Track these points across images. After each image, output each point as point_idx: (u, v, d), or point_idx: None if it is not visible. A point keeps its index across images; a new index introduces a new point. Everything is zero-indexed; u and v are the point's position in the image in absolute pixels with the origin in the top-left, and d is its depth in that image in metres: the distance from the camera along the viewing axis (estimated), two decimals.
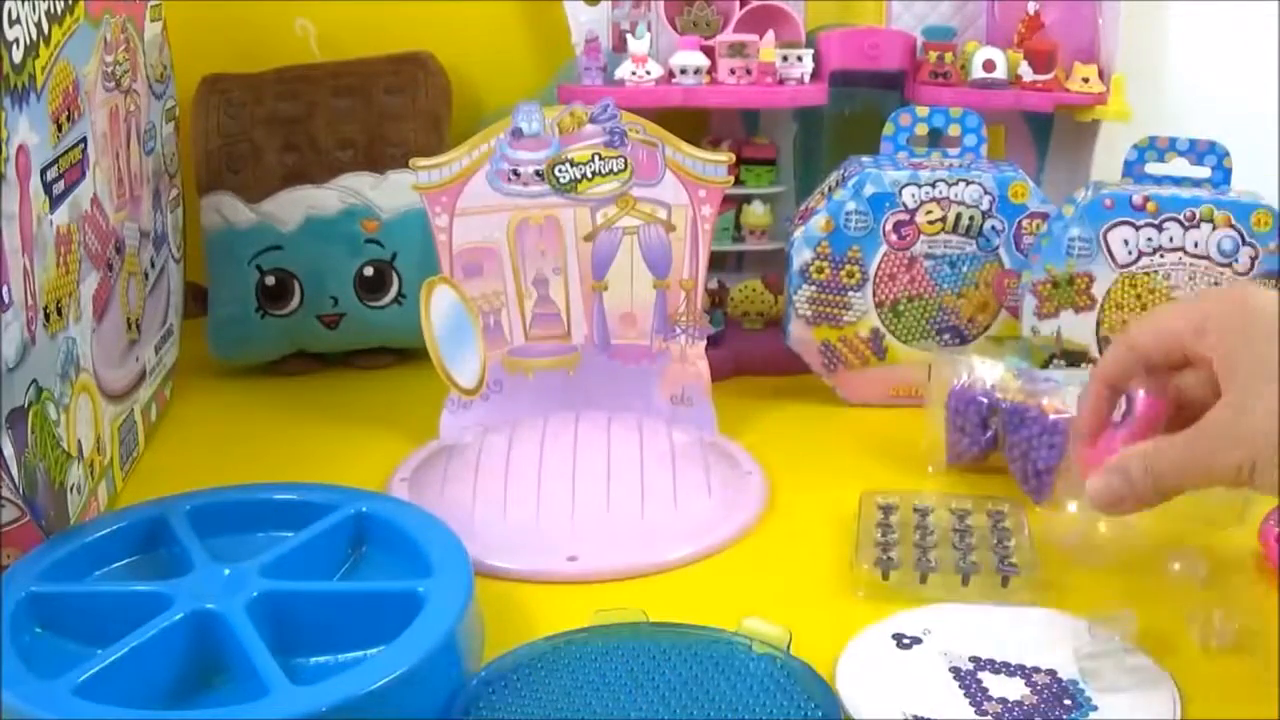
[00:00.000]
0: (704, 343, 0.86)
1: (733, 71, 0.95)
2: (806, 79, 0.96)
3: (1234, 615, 0.63)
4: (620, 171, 0.83)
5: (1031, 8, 1.00)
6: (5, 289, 0.60)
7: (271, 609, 0.60)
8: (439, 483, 0.78)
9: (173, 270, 0.94)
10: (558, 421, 0.82)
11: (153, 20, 0.89)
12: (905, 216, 0.89)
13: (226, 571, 0.62)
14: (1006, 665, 0.60)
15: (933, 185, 0.89)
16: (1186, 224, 0.83)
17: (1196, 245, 0.84)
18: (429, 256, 0.85)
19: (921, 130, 0.93)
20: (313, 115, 0.97)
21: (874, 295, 0.91)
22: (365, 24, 1.04)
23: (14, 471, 0.62)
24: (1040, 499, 0.77)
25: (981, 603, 0.66)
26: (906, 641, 0.62)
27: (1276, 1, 1.06)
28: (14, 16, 0.61)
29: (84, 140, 0.71)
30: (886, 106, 0.97)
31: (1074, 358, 0.86)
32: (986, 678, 0.59)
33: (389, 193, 0.96)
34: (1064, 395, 0.77)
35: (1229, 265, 0.84)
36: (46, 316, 0.66)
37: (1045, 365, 0.86)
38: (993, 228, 0.90)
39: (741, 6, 0.97)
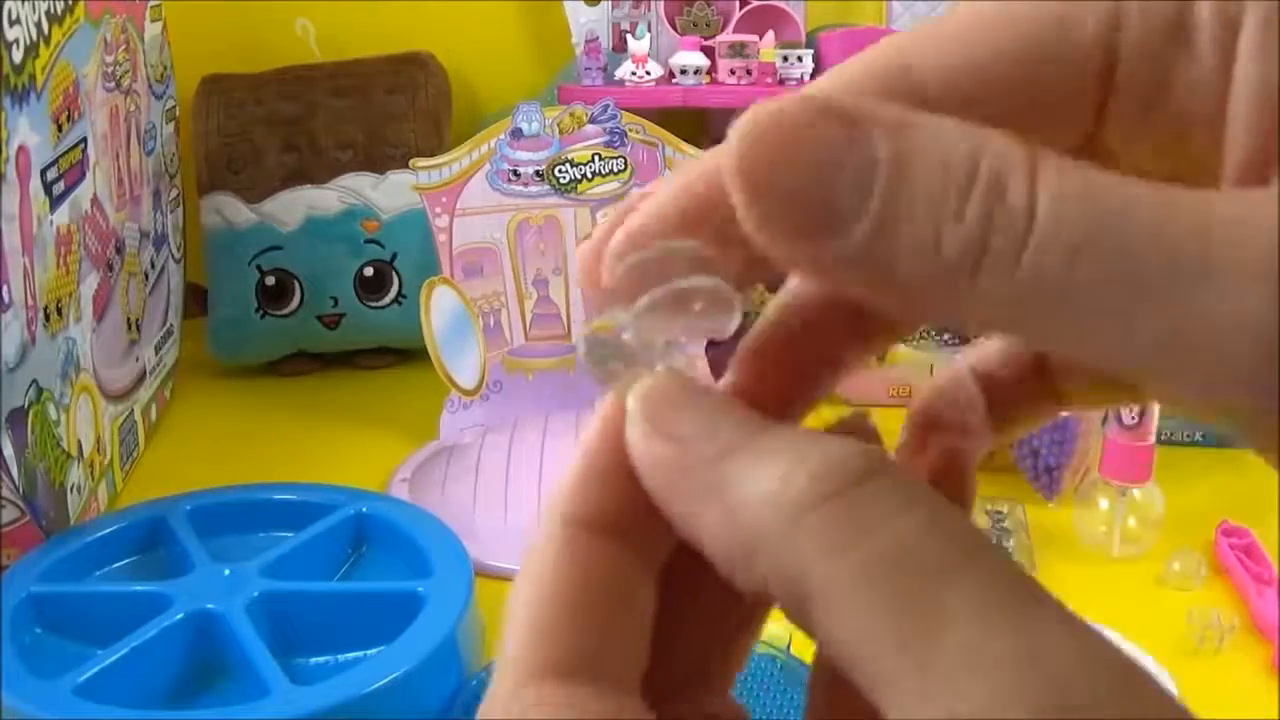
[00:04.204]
0: (704, 343, 0.86)
1: (733, 72, 0.95)
2: (806, 79, 0.96)
3: (1234, 615, 0.63)
4: (620, 172, 0.83)
5: None
6: (5, 289, 0.60)
7: (271, 609, 0.60)
8: (439, 483, 0.78)
9: (173, 270, 0.94)
10: (558, 422, 0.82)
11: (153, 20, 0.89)
12: None
13: (226, 571, 0.62)
14: None
15: None
16: None
17: None
18: (429, 256, 0.85)
19: None
20: (313, 115, 0.97)
21: None
22: (365, 24, 1.04)
23: (14, 471, 0.62)
24: (1052, 495, 0.77)
25: None
26: None
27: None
28: (14, 16, 0.61)
29: (84, 140, 0.71)
30: None
31: None
32: None
33: (389, 193, 0.95)
34: None
35: None
36: (46, 316, 0.66)
37: None
38: None
39: (741, 7, 0.97)
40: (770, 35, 0.96)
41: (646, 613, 0.19)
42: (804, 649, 0.59)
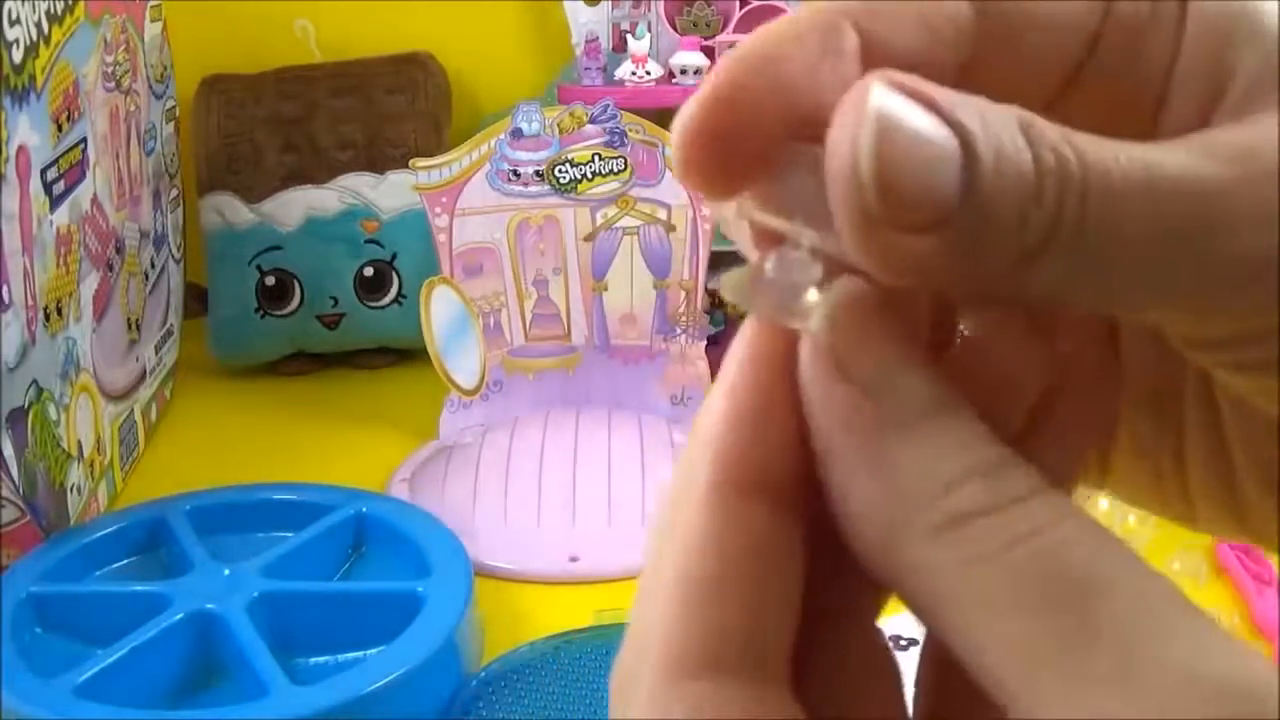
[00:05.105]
0: (704, 343, 0.86)
1: None
2: None
3: (1234, 615, 0.63)
4: (620, 172, 0.83)
5: None
6: (5, 289, 0.60)
7: (271, 609, 0.60)
8: (439, 483, 0.78)
9: (173, 270, 0.94)
10: (558, 421, 0.82)
11: (153, 20, 0.89)
12: None
13: (226, 571, 0.62)
14: None
15: None
16: None
17: None
18: (429, 256, 0.85)
19: None
20: (313, 115, 0.97)
21: None
22: (365, 24, 1.04)
23: (14, 471, 0.62)
24: None
25: None
26: (904, 643, 0.62)
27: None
28: (14, 16, 0.61)
29: (84, 140, 0.72)
30: None
31: None
32: None
33: (389, 193, 0.95)
34: None
35: None
36: (46, 316, 0.66)
37: None
38: None
39: (741, 7, 0.97)
40: None
41: (798, 577, 0.18)
42: None
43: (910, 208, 0.16)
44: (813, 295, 0.18)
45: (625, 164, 0.83)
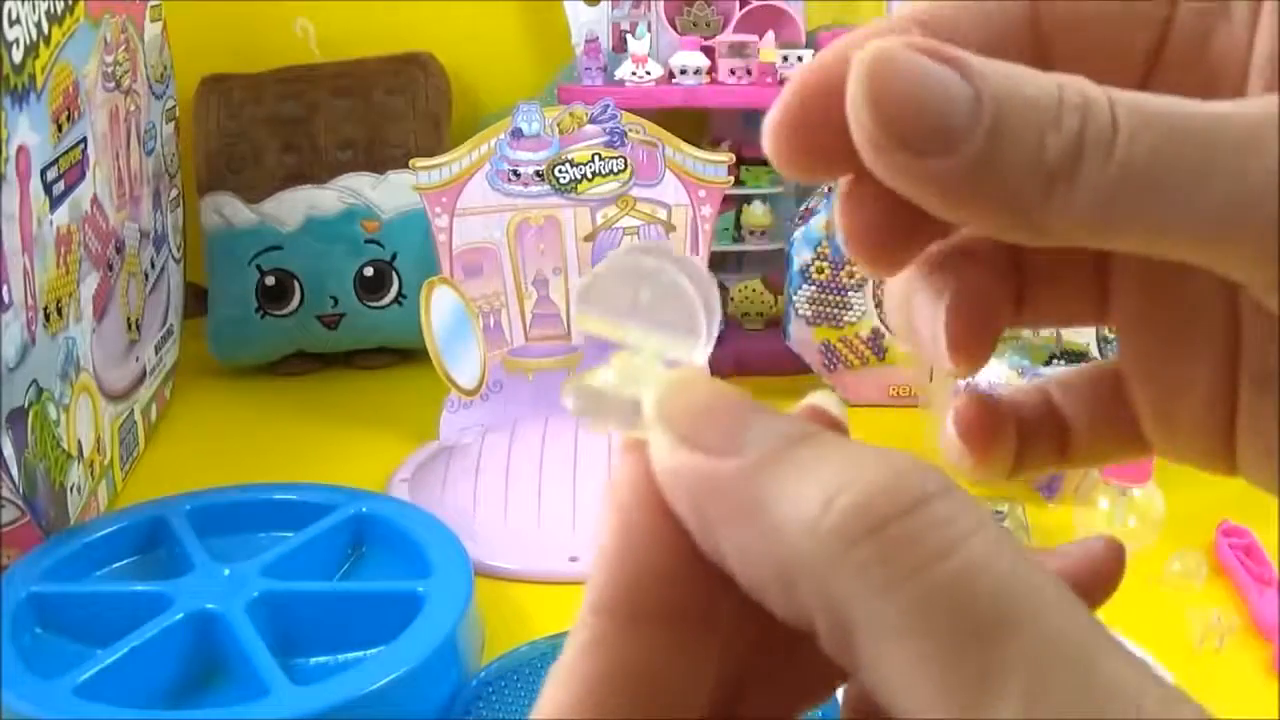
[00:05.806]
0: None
1: (733, 72, 0.95)
2: None
3: (1234, 615, 0.63)
4: (620, 172, 0.83)
5: None
6: (5, 289, 0.60)
7: (271, 609, 0.60)
8: (439, 483, 0.78)
9: (173, 270, 0.94)
10: (558, 422, 0.82)
11: (153, 20, 0.89)
12: None
13: (226, 571, 0.62)
14: None
15: None
16: None
17: None
18: (429, 256, 0.85)
19: None
20: (313, 115, 0.97)
21: (874, 295, 0.91)
22: (365, 24, 1.04)
23: (14, 471, 0.62)
24: (1052, 495, 0.77)
25: None
26: None
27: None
28: (14, 16, 0.61)
29: (84, 140, 0.71)
30: None
31: (1074, 358, 0.86)
32: None
33: (389, 193, 0.96)
34: None
35: None
36: (46, 316, 0.66)
37: (1045, 365, 0.86)
38: None
39: (741, 7, 0.97)
40: (770, 35, 0.96)
41: (693, 695, 0.18)
42: None
43: (911, 129, 0.17)
44: (649, 400, 0.18)
45: (625, 164, 0.83)
